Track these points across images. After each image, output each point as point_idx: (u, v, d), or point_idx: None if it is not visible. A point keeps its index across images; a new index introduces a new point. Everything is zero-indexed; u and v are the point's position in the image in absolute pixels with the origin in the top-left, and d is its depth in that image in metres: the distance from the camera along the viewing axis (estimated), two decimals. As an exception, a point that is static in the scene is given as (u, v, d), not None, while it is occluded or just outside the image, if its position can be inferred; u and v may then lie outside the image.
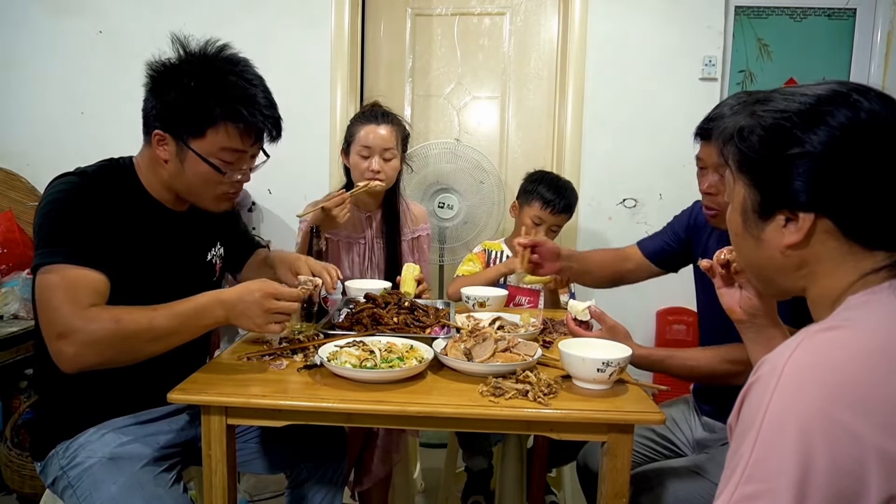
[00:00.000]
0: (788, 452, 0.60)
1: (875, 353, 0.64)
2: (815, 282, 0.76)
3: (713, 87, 2.68)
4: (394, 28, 2.87)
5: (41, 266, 1.15)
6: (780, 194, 0.74)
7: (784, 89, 0.78)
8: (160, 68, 1.25)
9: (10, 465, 2.18)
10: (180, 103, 1.22)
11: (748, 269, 0.86)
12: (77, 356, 1.11)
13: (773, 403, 0.62)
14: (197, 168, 1.26)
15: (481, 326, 1.46)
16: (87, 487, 1.21)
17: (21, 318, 2.18)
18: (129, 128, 1.44)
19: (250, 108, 1.24)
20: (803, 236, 0.73)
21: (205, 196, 1.32)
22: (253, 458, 1.49)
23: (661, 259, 1.70)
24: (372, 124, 1.93)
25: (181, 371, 1.21)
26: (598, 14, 2.67)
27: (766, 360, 0.67)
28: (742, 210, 0.80)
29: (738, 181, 0.80)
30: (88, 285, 1.15)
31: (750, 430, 0.63)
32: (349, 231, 2.02)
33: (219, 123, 1.23)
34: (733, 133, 0.79)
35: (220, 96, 1.22)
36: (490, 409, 1.10)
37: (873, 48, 2.73)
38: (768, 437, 0.62)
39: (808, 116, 0.72)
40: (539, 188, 2.20)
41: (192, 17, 2.69)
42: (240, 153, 1.28)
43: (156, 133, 1.25)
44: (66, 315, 1.11)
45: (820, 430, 0.60)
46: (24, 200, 2.71)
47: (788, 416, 0.61)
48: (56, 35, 2.74)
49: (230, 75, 1.24)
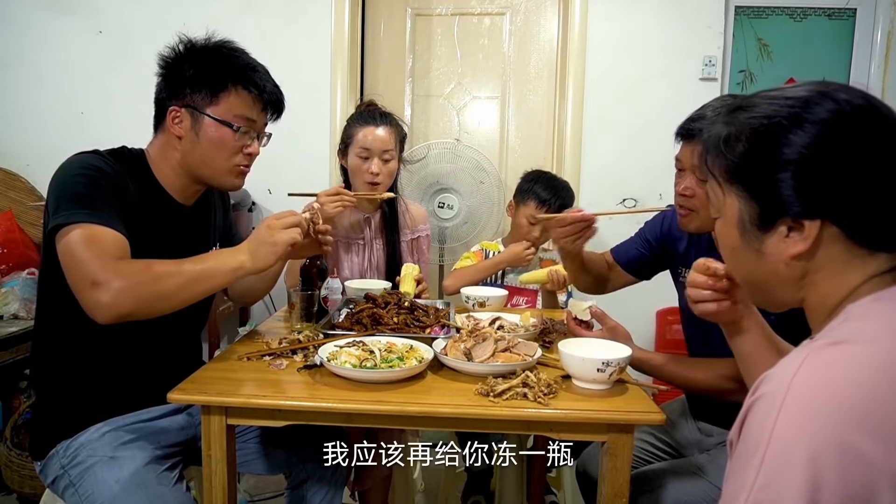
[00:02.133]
0: (797, 479, 0.57)
1: (885, 370, 0.61)
2: (815, 290, 0.72)
3: (713, 87, 2.68)
4: (394, 28, 2.87)
5: (62, 226, 1.14)
6: (777, 203, 0.70)
7: (764, 92, 0.75)
8: (171, 56, 1.33)
9: (10, 465, 2.18)
10: (193, 76, 1.30)
11: (746, 284, 0.82)
12: (113, 303, 1.11)
13: (779, 425, 0.59)
14: (212, 133, 1.31)
15: (481, 326, 1.46)
16: (90, 486, 1.21)
17: (21, 318, 2.18)
18: (128, 128, 1.45)
19: (257, 75, 1.33)
20: (811, 244, 0.69)
21: (219, 168, 1.34)
22: (253, 458, 1.49)
23: (634, 268, 1.69)
24: (370, 126, 1.92)
25: (179, 369, 1.21)
26: (598, 14, 2.68)
27: (769, 377, 0.64)
28: (739, 223, 0.75)
29: (728, 193, 0.76)
30: (114, 241, 1.16)
31: (755, 453, 0.60)
32: (348, 232, 2.02)
33: (230, 88, 1.30)
34: (718, 142, 0.75)
35: (230, 66, 1.32)
36: (490, 409, 1.10)
37: (873, 48, 2.73)
38: (775, 461, 0.59)
39: (789, 118, 0.69)
40: (535, 187, 2.20)
41: (192, 17, 2.69)
42: (251, 115, 1.34)
43: (171, 110, 1.31)
44: (97, 265, 1.11)
45: (830, 455, 0.57)
46: (24, 200, 2.71)
47: (796, 440, 0.58)
48: (56, 35, 2.74)
49: (235, 52, 1.35)
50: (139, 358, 1.33)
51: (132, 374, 1.33)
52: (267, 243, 1.24)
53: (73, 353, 1.30)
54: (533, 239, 2.23)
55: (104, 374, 1.31)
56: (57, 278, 1.20)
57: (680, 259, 1.54)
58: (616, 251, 1.73)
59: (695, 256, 1.49)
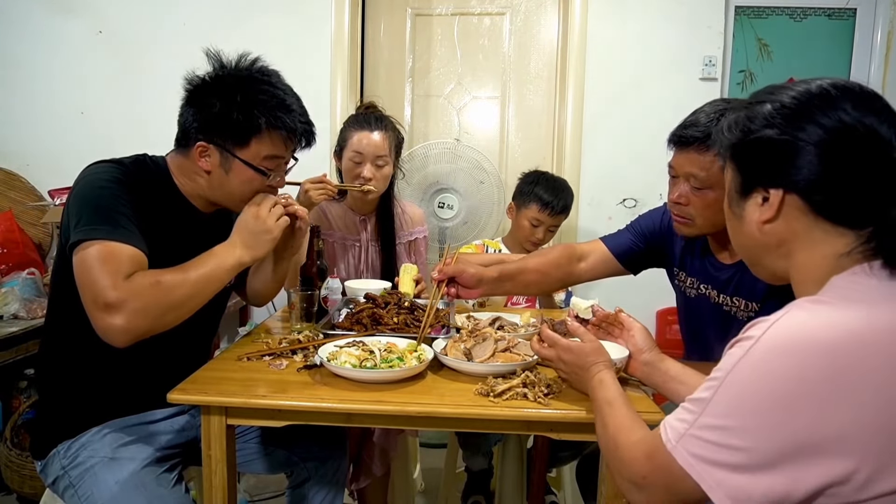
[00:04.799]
0: (745, 410, 0.68)
1: (858, 331, 0.67)
2: (793, 258, 0.81)
3: (713, 87, 2.68)
4: (394, 28, 2.87)
5: (81, 242, 1.14)
6: (755, 173, 0.82)
7: (773, 88, 0.84)
8: (199, 82, 1.29)
9: (10, 465, 2.18)
10: (224, 115, 1.25)
11: (739, 250, 0.91)
12: (128, 326, 1.11)
13: (744, 360, 0.69)
14: (243, 175, 1.30)
15: (481, 326, 1.46)
16: (89, 487, 1.21)
17: (21, 318, 2.18)
18: (128, 128, 1.45)
19: (290, 116, 1.29)
20: (774, 212, 0.79)
21: (243, 201, 1.34)
22: (253, 458, 1.49)
23: (627, 259, 1.61)
24: (365, 130, 1.91)
25: (181, 371, 1.21)
26: (598, 14, 2.68)
27: (756, 324, 0.72)
28: (729, 193, 0.88)
29: (728, 168, 0.88)
30: (130, 257, 1.16)
31: (716, 380, 0.71)
32: (344, 233, 2.02)
33: (263, 132, 1.27)
34: (728, 125, 0.86)
35: (263, 106, 1.26)
36: (490, 409, 1.10)
37: (873, 48, 2.73)
38: (731, 389, 0.69)
39: (794, 108, 0.78)
40: (536, 189, 2.20)
41: (192, 17, 2.69)
42: (279, 159, 1.33)
43: (199, 146, 1.28)
44: (110, 287, 1.11)
45: (784, 393, 0.65)
46: (24, 200, 2.71)
47: (753, 377, 0.68)
48: (56, 35, 2.74)
49: (266, 85, 1.29)
50: (146, 361, 1.33)
51: (138, 378, 1.32)
52: (261, 232, 1.28)
53: (81, 355, 1.29)
54: (536, 240, 2.23)
55: (109, 376, 1.30)
56: (68, 285, 1.20)
57: (676, 260, 1.53)
58: (610, 241, 1.63)
59: (689, 259, 1.50)
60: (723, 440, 0.69)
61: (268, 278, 1.52)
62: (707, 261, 1.43)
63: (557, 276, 1.64)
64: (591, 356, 1.09)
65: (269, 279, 1.52)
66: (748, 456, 0.67)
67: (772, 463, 0.66)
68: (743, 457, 0.67)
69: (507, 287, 1.62)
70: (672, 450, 0.73)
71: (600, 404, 0.98)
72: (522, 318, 1.60)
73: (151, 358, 1.32)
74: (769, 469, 0.66)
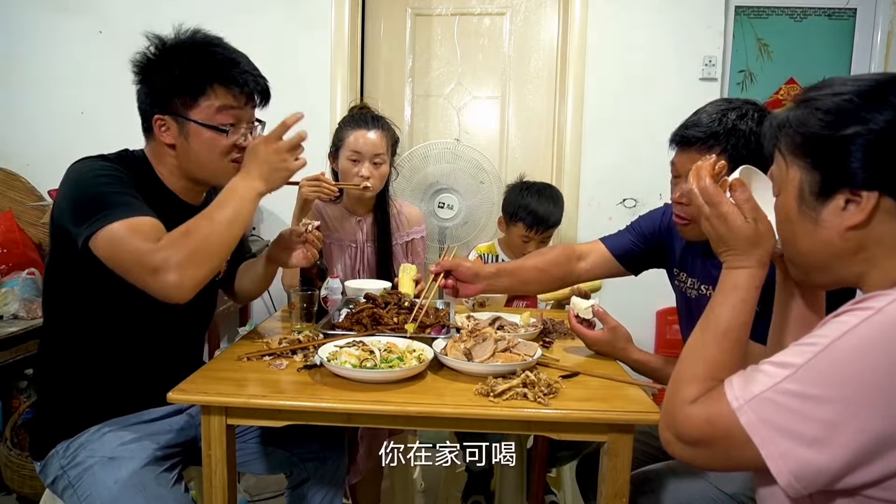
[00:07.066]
0: (831, 393, 0.62)
1: None
2: (875, 266, 0.74)
3: (713, 87, 2.68)
4: (394, 28, 2.87)
5: (98, 230, 1.13)
6: (841, 173, 0.73)
7: (834, 78, 0.78)
8: (143, 61, 1.30)
9: (10, 465, 2.18)
10: (170, 82, 1.26)
11: (798, 256, 0.82)
12: (182, 279, 1.11)
13: (849, 334, 0.63)
14: (201, 137, 1.28)
15: (481, 326, 1.46)
16: (88, 487, 1.21)
17: (21, 317, 2.17)
18: (129, 128, 1.45)
19: (236, 70, 1.29)
20: (866, 216, 0.72)
21: (216, 169, 1.33)
22: (253, 458, 1.49)
23: (627, 259, 1.61)
24: (362, 129, 1.91)
25: (181, 371, 1.21)
26: (598, 14, 2.68)
27: (876, 295, 0.66)
28: (798, 193, 0.78)
29: (791, 166, 0.79)
30: (153, 225, 1.16)
31: (817, 345, 0.65)
32: (340, 234, 2.03)
33: (209, 89, 1.26)
34: (786, 121, 0.79)
35: (206, 65, 1.27)
36: (490, 409, 1.10)
37: (873, 48, 2.73)
38: (824, 362, 0.63)
39: (869, 96, 0.72)
40: (520, 210, 2.15)
41: (191, 17, 2.65)
42: (236, 110, 1.30)
43: (156, 119, 1.28)
44: (150, 251, 1.11)
45: (871, 386, 0.60)
46: (24, 200, 2.70)
47: (851, 358, 0.62)
48: (56, 35, 2.74)
49: (211, 48, 1.30)
50: (143, 360, 1.33)
51: (135, 376, 1.32)
52: (280, 169, 1.25)
53: (78, 355, 1.30)
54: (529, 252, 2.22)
55: (107, 375, 1.31)
56: (62, 283, 1.19)
57: (676, 260, 1.53)
58: (610, 242, 1.63)
59: (690, 260, 1.49)
60: (806, 409, 0.62)
61: (258, 278, 1.54)
62: (708, 261, 1.43)
63: (557, 274, 1.63)
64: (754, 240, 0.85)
65: (259, 279, 1.55)
66: (831, 433, 0.61)
67: (853, 445, 0.61)
68: (824, 432, 0.61)
69: (505, 283, 1.61)
70: (738, 409, 0.67)
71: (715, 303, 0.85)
72: (522, 318, 1.60)
73: (147, 354, 1.33)
74: (848, 451, 0.61)
